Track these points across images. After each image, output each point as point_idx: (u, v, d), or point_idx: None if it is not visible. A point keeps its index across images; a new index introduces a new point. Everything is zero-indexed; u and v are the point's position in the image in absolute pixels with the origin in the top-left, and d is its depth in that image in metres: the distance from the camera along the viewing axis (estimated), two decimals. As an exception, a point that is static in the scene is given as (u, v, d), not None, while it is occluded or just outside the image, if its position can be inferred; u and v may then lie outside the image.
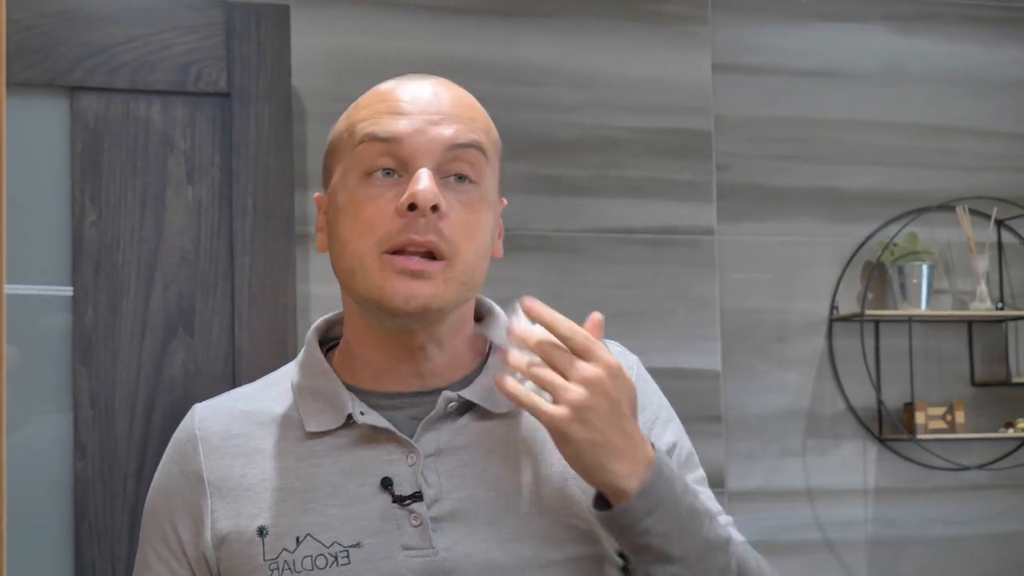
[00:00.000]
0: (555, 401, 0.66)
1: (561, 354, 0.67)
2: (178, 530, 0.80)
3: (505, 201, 0.84)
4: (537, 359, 0.69)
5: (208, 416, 0.81)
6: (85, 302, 1.42)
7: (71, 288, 1.42)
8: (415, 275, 0.73)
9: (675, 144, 1.74)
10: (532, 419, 0.75)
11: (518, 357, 0.68)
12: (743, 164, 1.77)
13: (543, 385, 0.67)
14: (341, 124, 0.79)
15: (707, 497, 0.79)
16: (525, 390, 0.67)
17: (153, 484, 0.84)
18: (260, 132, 1.43)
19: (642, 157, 1.71)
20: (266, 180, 1.44)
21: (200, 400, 0.84)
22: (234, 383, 1.40)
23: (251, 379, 0.88)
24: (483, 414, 0.80)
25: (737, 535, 0.80)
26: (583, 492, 0.78)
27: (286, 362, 0.86)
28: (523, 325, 0.69)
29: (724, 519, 0.80)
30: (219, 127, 1.42)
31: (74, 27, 1.41)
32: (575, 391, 0.66)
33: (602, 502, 0.71)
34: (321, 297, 1.54)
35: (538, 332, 0.68)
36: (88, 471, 1.47)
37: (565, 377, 0.67)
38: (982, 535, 1.83)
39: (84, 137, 1.40)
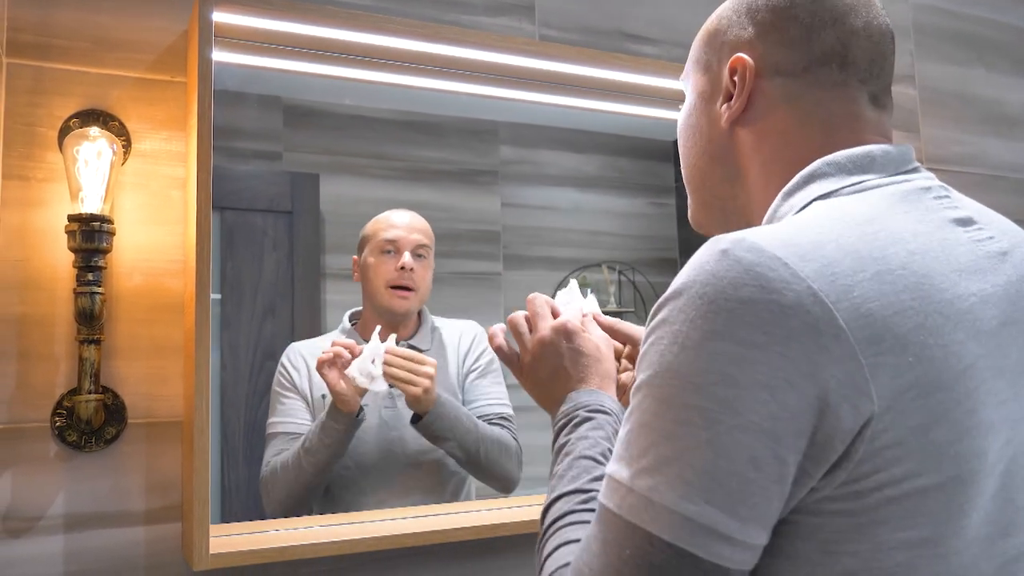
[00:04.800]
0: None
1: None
2: (293, 368, 1.67)
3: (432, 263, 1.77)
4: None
5: (299, 344, 1.70)
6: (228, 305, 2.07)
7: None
8: (403, 298, 1.72)
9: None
10: (437, 346, 1.71)
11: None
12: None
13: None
14: (368, 230, 1.74)
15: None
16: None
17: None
18: (305, 234, 2.52)
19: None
20: (305, 254, 2.43)
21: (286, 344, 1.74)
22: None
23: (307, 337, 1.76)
24: (417, 350, 1.66)
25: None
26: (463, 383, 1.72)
27: (317, 334, 1.77)
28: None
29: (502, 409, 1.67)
30: (287, 231, 2.58)
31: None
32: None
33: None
34: (331, 303, 2.04)
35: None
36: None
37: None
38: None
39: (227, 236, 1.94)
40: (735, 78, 0.76)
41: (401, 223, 1.75)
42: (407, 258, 1.69)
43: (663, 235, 2.54)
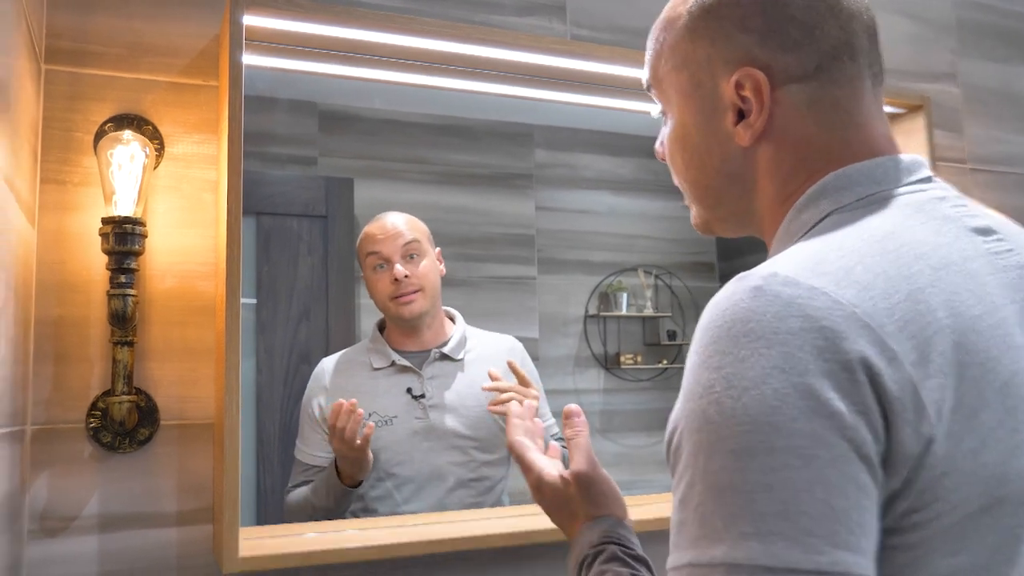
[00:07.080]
0: None
1: None
2: (320, 405, 1.62)
3: (439, 249, 1.70)
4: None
5: (328, 361, 1.67)
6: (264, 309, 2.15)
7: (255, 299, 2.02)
8: (408, 302, 1.63)
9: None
10: (473, 360, 1.61)
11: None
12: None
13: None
14: (358, 246, 1.69)
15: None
16: None
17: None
18: (340, 238, 2.24)
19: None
20: (339, 258, 2.49)
21: (320, 357, 1.71)
22: (327, 352, 1.88)
23: (343, 347, 1.73)
24: (450, 359, 1.66)
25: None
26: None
27: (352, 341, 1.76)
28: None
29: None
30: (322, 235, 2.52)
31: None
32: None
33: None
34: (365, 307, 2.07)
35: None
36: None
37: None
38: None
39: (263, 241, 2.01)
40: (745, 93, 0.71)
41: (380, 232, 1.70)
42: (398, 268, 1.65)
43: (700, 239, 2.51)
